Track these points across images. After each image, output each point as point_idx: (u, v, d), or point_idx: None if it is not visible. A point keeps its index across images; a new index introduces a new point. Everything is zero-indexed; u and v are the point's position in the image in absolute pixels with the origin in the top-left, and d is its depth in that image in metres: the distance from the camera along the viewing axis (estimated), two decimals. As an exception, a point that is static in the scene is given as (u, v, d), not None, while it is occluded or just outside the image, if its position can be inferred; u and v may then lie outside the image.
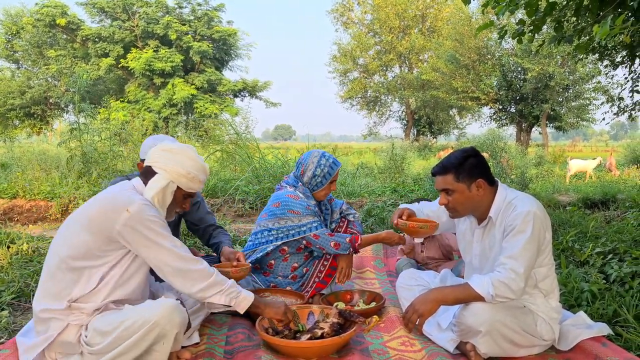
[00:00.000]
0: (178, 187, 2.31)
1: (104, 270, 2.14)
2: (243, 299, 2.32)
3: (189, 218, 3.45)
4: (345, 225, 3.42)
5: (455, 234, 3.67)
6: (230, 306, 2.29)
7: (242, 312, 2.35)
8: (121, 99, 28.37)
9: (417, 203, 2.93)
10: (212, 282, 2.21)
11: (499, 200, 2.42)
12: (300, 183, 3.26)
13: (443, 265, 3.66)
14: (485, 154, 11.53)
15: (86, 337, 2.08)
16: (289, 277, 3.24)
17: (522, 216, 2.27)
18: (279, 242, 3.13)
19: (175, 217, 3.21)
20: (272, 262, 3.24)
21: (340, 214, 3.48)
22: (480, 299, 2.25)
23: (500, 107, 26.94)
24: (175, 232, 3.48)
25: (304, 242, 3.14)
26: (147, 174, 2.30)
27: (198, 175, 2.32)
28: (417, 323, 2.38)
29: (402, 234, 3.25)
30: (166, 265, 2.15)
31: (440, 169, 2.46)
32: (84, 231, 2.11)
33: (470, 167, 2.40)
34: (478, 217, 2.52)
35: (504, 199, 2.42)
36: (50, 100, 31.30)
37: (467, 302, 2.29)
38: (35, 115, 31.06)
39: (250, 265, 2.96)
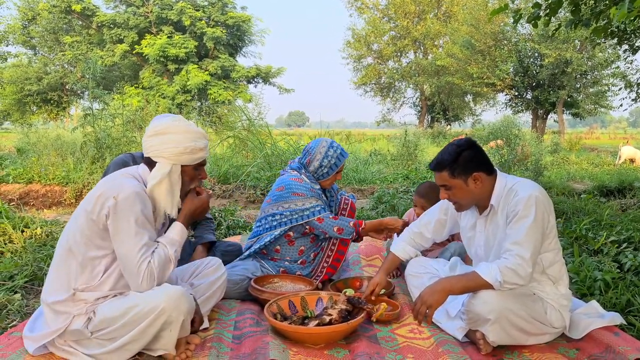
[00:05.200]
0: (182, 165, 2.23)
1: (106, 262, 2.12)
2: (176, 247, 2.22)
3: None
4: (348, 208, 3.44)
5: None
6: None
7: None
8: (135, 85, 28.53)
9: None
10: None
11: (499, 187, 2.40)
12: (304, 170, 3.25)
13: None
14: (499, 141, 11.40)
15: (94, 323, 2.09)
16: (299, 261, 3.24)
17: (524, 201, 2.25)
18: (284, 227, 3.11)
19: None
20: (279, 247, 3.23)
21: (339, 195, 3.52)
22: (488, 286, 2.22)
23: (516, 93, 26.59)
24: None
25: (308, 226, 3.14)
26: (149, 164, 2.25)
27: (197, 144, 2.22)
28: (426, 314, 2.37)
29: (406, 220, 3.26)
30: (120, 260, 2.09)
31: (435, 166, 2.43)
32: (84, 218, 2.11)
33: (465, 162, 2.37)
34: (480, 206, 2.51)
35: (504, 185, 2.40)
36: (67, 87, 31.58)
37: (475, 290, 2.27)
38: (52, 101, 31.41)
39: None
